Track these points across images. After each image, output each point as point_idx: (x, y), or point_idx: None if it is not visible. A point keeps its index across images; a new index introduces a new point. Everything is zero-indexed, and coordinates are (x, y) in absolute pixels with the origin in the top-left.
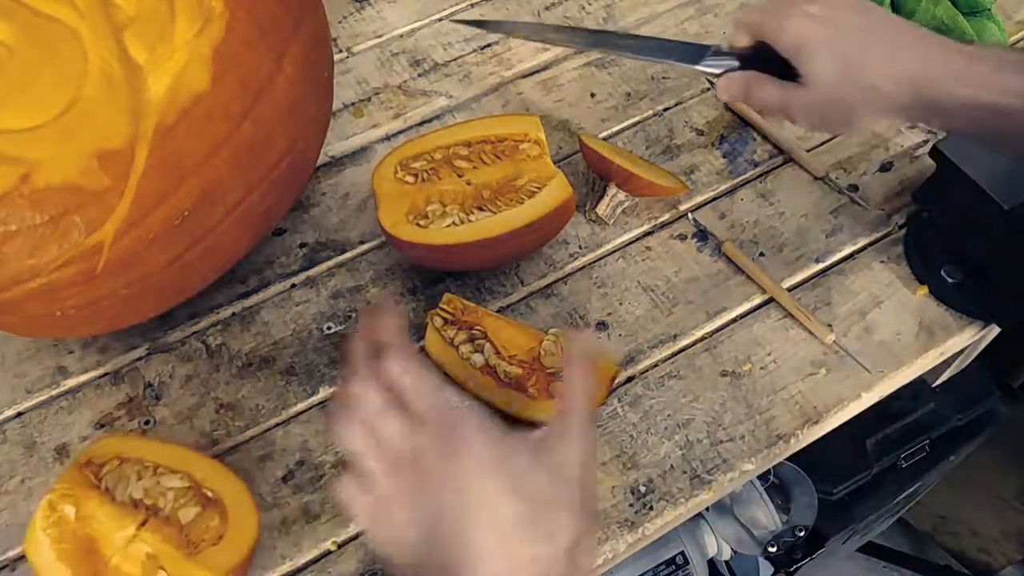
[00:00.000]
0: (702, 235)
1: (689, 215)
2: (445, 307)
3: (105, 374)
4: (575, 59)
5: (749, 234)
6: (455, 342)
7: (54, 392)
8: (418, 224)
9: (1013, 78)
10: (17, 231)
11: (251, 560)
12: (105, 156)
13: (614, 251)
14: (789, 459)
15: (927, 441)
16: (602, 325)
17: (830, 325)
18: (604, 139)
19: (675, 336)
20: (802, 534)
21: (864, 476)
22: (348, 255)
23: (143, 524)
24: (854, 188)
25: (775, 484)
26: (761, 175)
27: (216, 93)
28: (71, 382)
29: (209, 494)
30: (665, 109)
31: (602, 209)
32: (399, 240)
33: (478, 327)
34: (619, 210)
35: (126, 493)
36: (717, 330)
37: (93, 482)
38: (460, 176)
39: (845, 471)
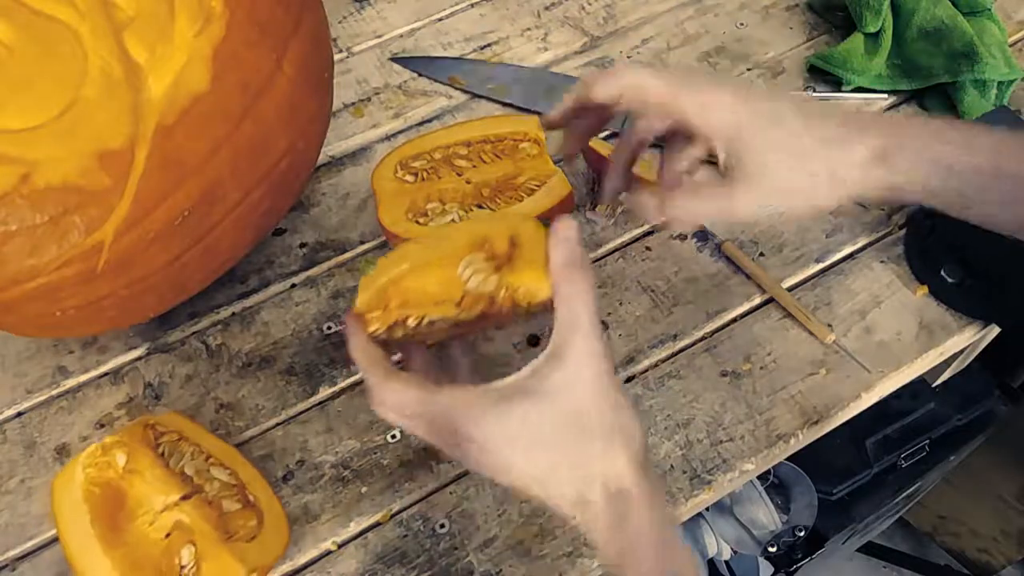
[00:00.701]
0: (702, 235)
1: None
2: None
3: (105, 374)
4: (575, 59)
5: (749, 234)
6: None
7: (54, 392)
8: (417, 222)
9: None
10: (17, 231)
11: (271, 570)
12: (105, 156)
13: (614, 251)
14: (789, 459)
15: (927, 441)
16: (602, 325)
17: (830, 325)
18: (604, 139)
19: (675, 336)
20: (802, 534)
21: (864, 476)
22: (348, 255)
23: (186, 497)
24: None
25: (775, 484)
26: None
27: (216, 93)
28: (71, 382)
29: (251, 498)
30: None
31: (602, 209)
32: (398, 237)
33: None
34: (619, 210)
35: (178, 465)
36: (717, 330)
37: (152, 442)
38: (460, 175)
39: (845, 471)
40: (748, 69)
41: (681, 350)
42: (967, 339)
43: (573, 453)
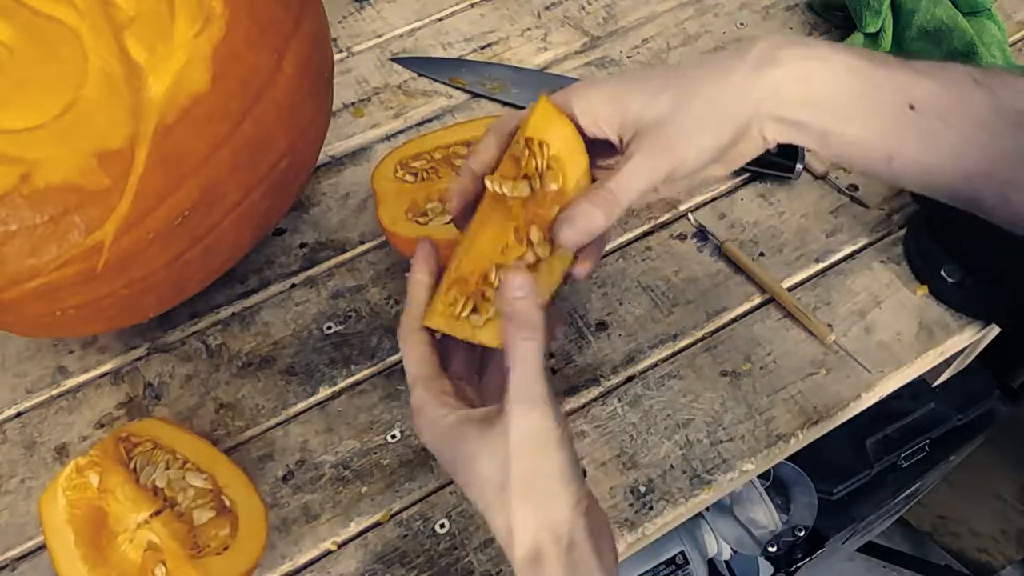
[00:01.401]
0: (702, 235)
1: (689, 215)
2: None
3: (105, 374)
4: (575, 59)
5: (749, 234)
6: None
7: (54, 392)
8: (417, 222)
9: None
10: (17, 231)
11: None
12: (105, 156)
13: (614, 251)
14: (789, 459)
15: (927, 441)
16: (602, 325)
17: (830, 325)
18: None
19: (675, 336)
20: (802, 534)
21: (864, 476)
22: (348, 255)
23: (157, 513)
24: (854, 188)
25: (775, 484)
26: (761, 175)
27: (216, 93)
28: (71, 382)
29: (226, 502)
30: None
31: None
32: (398, 237)
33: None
34: None
35: (150, 478)
36: (717, 330)
37: (123, 458)
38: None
39: (845, 471)
40: None
41: (681, 350)
42: (967, 339)
43: (497, 504)
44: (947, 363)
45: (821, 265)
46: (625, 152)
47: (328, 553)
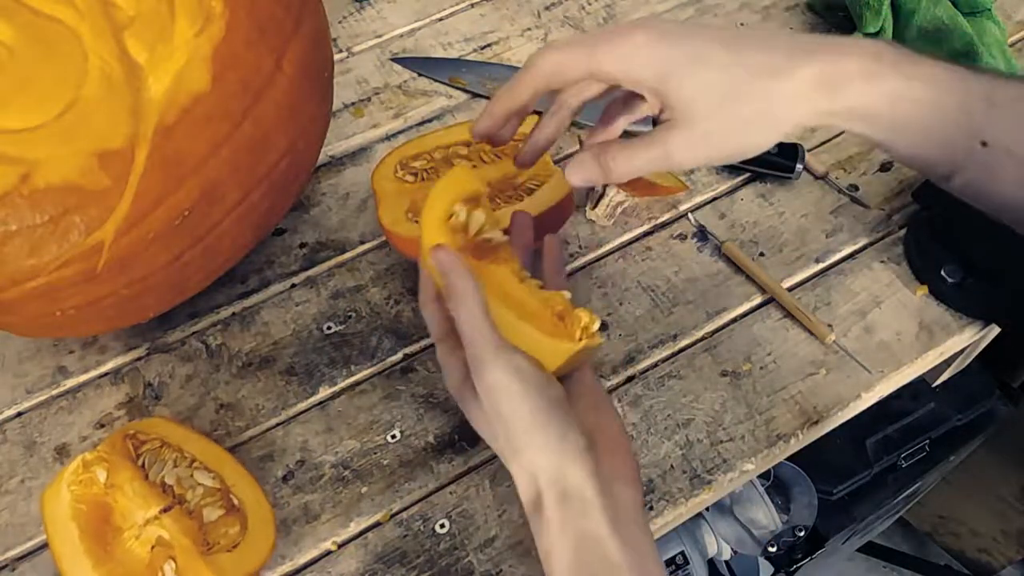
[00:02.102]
0: (702, 235)
1: (689, 215)
2: None
3: (105, 374)
4: None
5: (749, 234)
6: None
7: (54, 392)
8: (417, 221)
9: None
10: (17, 231)
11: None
12: (105, 156)
13: (614, 251)
14: (789, 459)
15: (927, 441)
16: (602, 325)
17: (830, 325)
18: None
19: (675, 336)
20: (802, 534)
21: (864, 476)
22: (348, 255)
23: (166, 510)
24: (854, 188)
25: (775, 484)
26: (761, 175)
27: (216, 93)
28: (71, 382)
29: (235, 501)
30: None
31: (602, 209)
32: (398, 237)
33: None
34: (619, 210)
35: (159, 476)
36: (717, 330)
37: (132, 455)
38: None
39: (845, 471)
40: None
41: (681, 350)
42: (967, 339)
43: (506, 456)
44: (947, 363)
45: (821, 265)
46: (658, 122)
47: (328, 553)
